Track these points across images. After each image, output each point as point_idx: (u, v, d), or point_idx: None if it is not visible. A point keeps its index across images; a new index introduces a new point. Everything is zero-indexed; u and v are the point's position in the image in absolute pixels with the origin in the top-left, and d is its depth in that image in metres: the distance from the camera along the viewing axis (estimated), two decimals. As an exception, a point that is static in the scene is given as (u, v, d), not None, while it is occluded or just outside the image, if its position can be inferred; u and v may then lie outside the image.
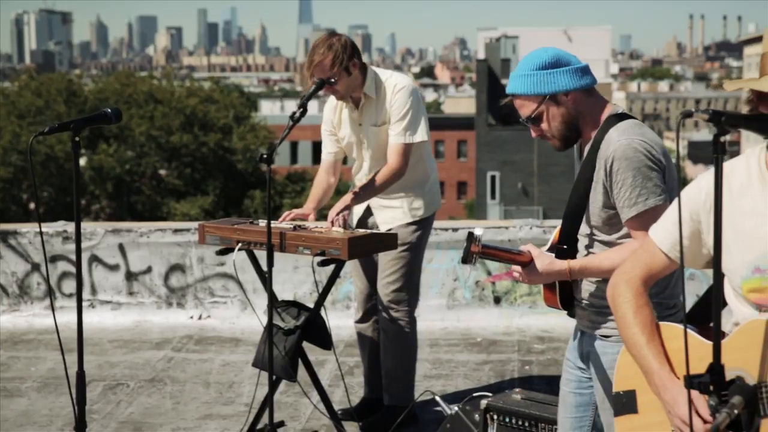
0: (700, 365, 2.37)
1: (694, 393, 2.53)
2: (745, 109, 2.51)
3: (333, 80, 5.24)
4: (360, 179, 5.58)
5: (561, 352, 7.09)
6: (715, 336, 2.32)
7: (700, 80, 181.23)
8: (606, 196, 3.32)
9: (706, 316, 2.78)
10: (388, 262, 5.52)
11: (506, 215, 42.23)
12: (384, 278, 5.55)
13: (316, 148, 56.94)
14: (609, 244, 3.40)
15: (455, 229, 7.78)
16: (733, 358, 2.37)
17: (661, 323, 2.74)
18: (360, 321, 5.79)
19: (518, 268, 3.41)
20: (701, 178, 2.69)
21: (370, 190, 5.38)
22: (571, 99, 3.34)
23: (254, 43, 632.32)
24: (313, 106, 5.63)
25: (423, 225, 5.57)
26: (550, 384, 6.28)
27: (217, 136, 49.12)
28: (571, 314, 3.63)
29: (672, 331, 2.71)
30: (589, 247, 3.45)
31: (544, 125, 3.37)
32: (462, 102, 78.51)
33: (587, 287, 3.48)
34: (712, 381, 2.32)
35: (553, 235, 3.55)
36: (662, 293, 3.39)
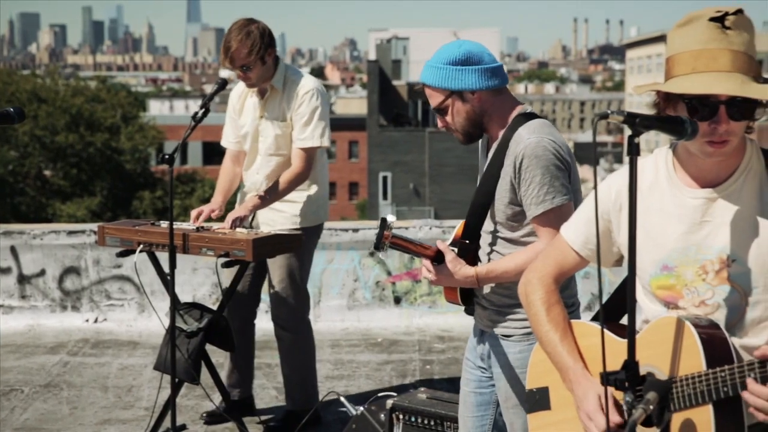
0: (613, 362, 2.42)
1: (603, 390, 2.59)
2: (651, 112, 2.57)
3: (248, 68, 5.19)
4: (251, 175, 5.48)
5: (461, 351, 7.16)
6: (630, 334, 2.37)
7: (584, 82, 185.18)
8: (513, 192, 3.36)
9: (615, 313, 2.85)
10: (275, 270, 5.48)
11: (398, 216, 42.41)
12: (272, 286, 5.51)
13: (207, 148, 56.34)
14: (512, 242, 3.44)
15: (356, 230, 7.80)
16: (644, 354, 2.42)
17: (573, 321, 2.79)
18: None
19: (429, 264, 3.42)
20: (611, 178, 2.74)
21: (272, 194, 5.30)
22: (477, 97, 3.38)
23: (141, 42, 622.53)
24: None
25: (308, 233, 5.48)
26: (451, 383, 6.34)
27: (104, 135, 48.15)
28: (468, 311, 3.66)
29: (584, 328, 2.76)
30: (492, 244, 3.49)
31: (449, 118, 3.43)
32: (353, 103, 78.66)
33: (489, 287, 3.51)
34: (627, 378, 2.37)
35: (456, 231, 3.58)
36: (562, 293, 3.44)
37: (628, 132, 2.37)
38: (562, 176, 3.31)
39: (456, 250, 3.46)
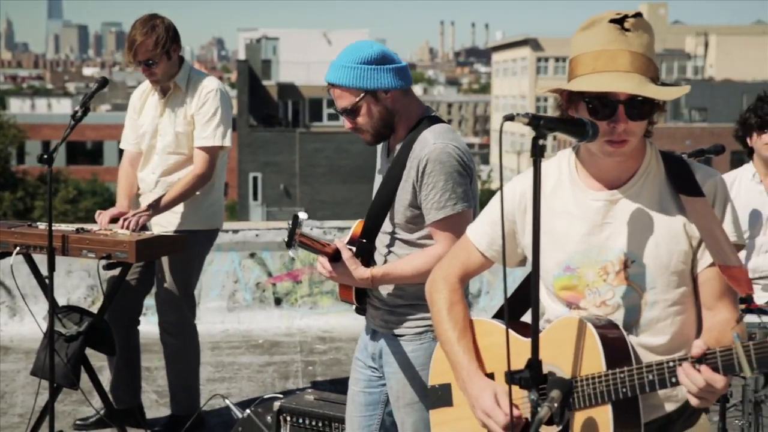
0: (516, 361, 2.45)
1: (499, 388, 2.63)
2: (555, 114, 2.62)
3: (153, 62, 5.08)
4: (146, 174, 5.37)
5: (343, 352, 7.18)
6: (534, 333, 2.40)
7: (451, 84, 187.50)
8: (413, 195, 3.37)
9: (515, 313, 2.89)
10: (165, 273, 5.38)
11: (269, 216, 42.16)
12: (161, 289, 5.41)
13: (70, 148, 54.95)
14: (409, 243, 3.45)
15: (235, 231, 7.73)
16: (546, 354, 2.46)
17: (475, 319, 2.82)
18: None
19: (325, 262, 3.40)
20: (516, 180, 2.78)
21: (173, 197, 5.19)
22: (390, 97, 3.39)
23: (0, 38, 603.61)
24: (67, 105, 5.39)
25: (202, 237, 5.42)
26: (334, 383, 6.35)
27: (-39, 134, 46.55)
28: (359, 310, 3.66)
29: (486, 327, 2.79)
30: (389, 245, 3.50)
31: (360, 119, 3.39)
32: (222, 102, 77.78)
33: (382, 287, 3.52)
34: (532, 376, 2.40)
35: (353, 229, 3.58)
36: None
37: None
38: (464, 183, 3.34)
39: (354, 249, 3.47)
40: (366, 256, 3.47)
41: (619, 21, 2.50)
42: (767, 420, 5.05)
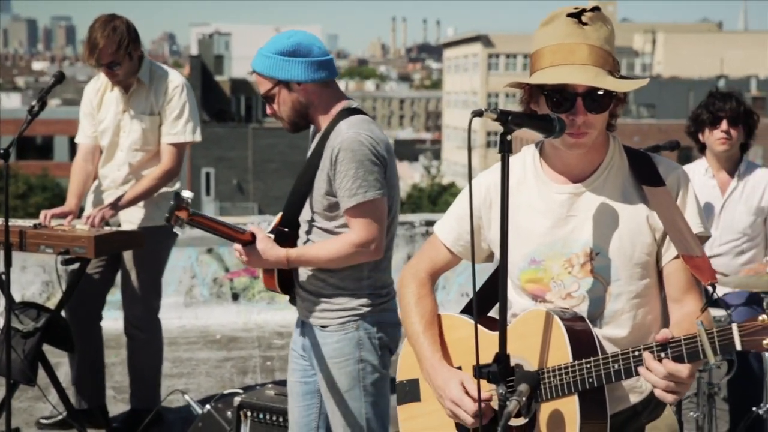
0: (484, 354, 2.47)
1: (465, 376, 2.65)
2: (520, 109, 2.66)
3: (116, 64, 5.04)
4: (111, 171, 5.32)
5: (301, 347, 7.18)
6: (502, 327, 2.43)
7: (403, 80, 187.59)
8: (329, 184, 3.45)
9: (482, 307, 2.91)
10: (131, 268, 5.35)
11: (222, 212, 42.02)
12: (127, 283, 5.38)
13: (20, 143, 54.17)
14: (328, 232, 3.52)
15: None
16: (512, 347, 2.48)
17: (442, 314, 2.84)
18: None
19: (239, 247, 3.45)
20: (482, 175, 2.80)
21: (140, 192, 5.15)
22: (303, 89, 3.47)
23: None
24: (16, 100, 5.29)
25: (167, 231, 5.39)
26: (293, 378, 6.34)
27: None
28: (293, 301, 3.71)
29: (453, 321, 2.82)
30: (308, 233, 3.56)
31: (275, 106, 3.51)
32: (173, 97, 77.29)
33: (304, 276, 3.57)
34: (500, 370, 2.42)
35: (276, 219, 3.63)
36: (375, 283, 3.56)
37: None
38: (377, 171, 3.40)
39: (273, 236, 3.51)
40: (287, 244, 3.52)
41: (576, 15, 2.53)
42: (720, 412, 5.15)
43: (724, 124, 4.95)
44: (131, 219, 5.29)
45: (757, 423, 4.87)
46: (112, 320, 6.83)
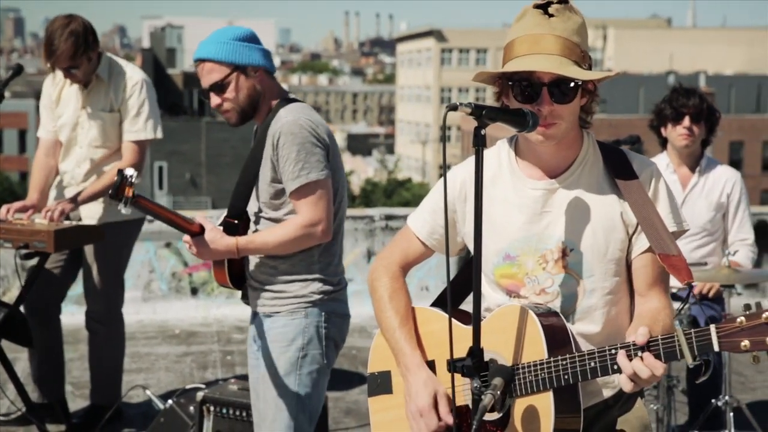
0: (457, 348, 2.47)
1: (440, 388, 2.65)
2: (494, 103, 2.66)
3: (76, 68, 4.97)
4: (69, 166, 5.24)
5: (261, 342, 7.15)
6: (475, 321, 2.44)
7: (356, 75, 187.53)
8: (273, 171, 3.48)
9: (454, 300, 2.91)
10: (93, 262, 5.30)
11: (175, 206, 41.67)
12: (90, 278, 5.33)
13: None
14: (276, 222, 3.54)
15: (151, 220, 7.61)
16: (487, 341, 2.48)
17: (416, 307, 2.84)
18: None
19: (188, 238, 3.44)
20: (457, 169, 2.80)
21: (101, 188, 5.07)
22: (259, 76, 3.52)
23: None
24: None
25: (130, 227, 5.35)
26: (253, 373, 6.32)
27: None
28: (245, 299, 3.71)
29: (426, 314, 2.81)
30: (256, 223, 3.58)
31: (228, 94, 3.49)
32: (124, 90, 76.58)
33: (253, 265, 3.59)
34: (474, 364, 2.42)
35: (225, 212, 3.62)
36: (326, 270, 3.58)
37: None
38: (318, 153, 3.45)
39: (222, 229, 3.51)
40: (236, 236, 3.51)
41: (543, 6, 2.55)
42: (680, 404, 5.21)
43: (686, 121, 5.00)
44: (91, 214, 5.23)
45: (716, 415, 4.94)
46: (70, 315, 6.77)
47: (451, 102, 2.38)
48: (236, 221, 3.54)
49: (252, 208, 3.58)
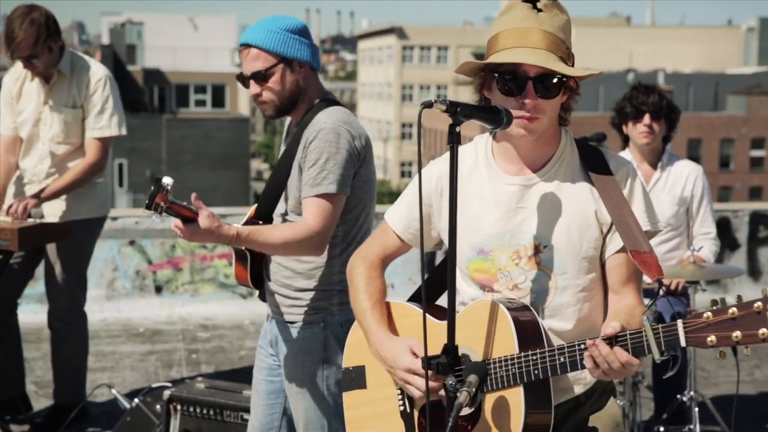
0: (432, 342, 2.47)
1: (412, 341, 2.64)
2: (475, 98, 2.66)
3: (35, 58, 4.91)
4: (30, 163, 5.18)
5: (226, 339, 7.13)
6: (450, 319, 2.44)
7: (318, 72, 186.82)
8: (301, 174, 3.36)
9: (430, 296, 2.90)
10: (56, 260, 5.25)
11: (135, 203, 41.39)
12: (52, 276, 5.27)
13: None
14: None
15: (114, 218, 7.57)
16: (460, 336, 2.49)
17: (392, 302, 2.83)
18: None
19: (179, 222, 3.19)
20: (433, 164, 2.80)
21: (64, 185, 5.03)
22: (304, 72, 3.40)
23: None
24: None
25: (92, 224, 5.31)
26: (218, 371, 6.30)
27: None
28: (262, 297, 3.64)
29: (402, 309, 2.81)
30: None
31: (270, 85, 3.35)
32: (83, 87, 75.92)
33: (274, 271, 3.50)
34: (449, 362, 2.43)
35: (249, 211, 3.54)
36: (345, 281, 3.48)
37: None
38: (347, 168, 3.33)
39: (220, 218, 3.42)
40: None
41: (531, 1, 2.55)
42: (645, 400, 5.26)
43: (646, 118, 5.04)
44: (54, 212, 5.17)
45: (681, 410, 4.98)
46: (31, 314, 6.72)
47: (425, 100, 2.37)
48: (260, 222, 3.44)
49: (279, 210, 3.47)
